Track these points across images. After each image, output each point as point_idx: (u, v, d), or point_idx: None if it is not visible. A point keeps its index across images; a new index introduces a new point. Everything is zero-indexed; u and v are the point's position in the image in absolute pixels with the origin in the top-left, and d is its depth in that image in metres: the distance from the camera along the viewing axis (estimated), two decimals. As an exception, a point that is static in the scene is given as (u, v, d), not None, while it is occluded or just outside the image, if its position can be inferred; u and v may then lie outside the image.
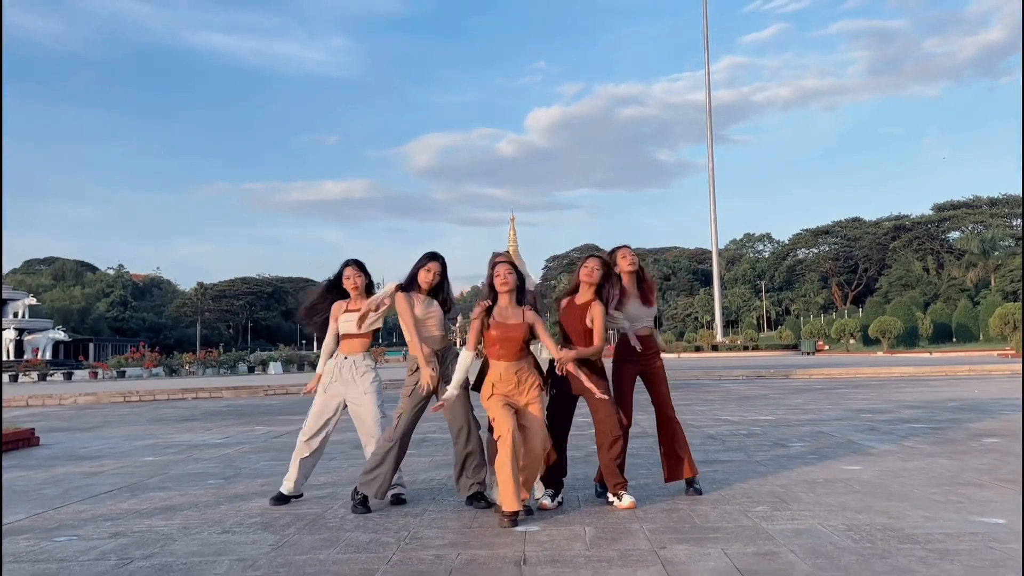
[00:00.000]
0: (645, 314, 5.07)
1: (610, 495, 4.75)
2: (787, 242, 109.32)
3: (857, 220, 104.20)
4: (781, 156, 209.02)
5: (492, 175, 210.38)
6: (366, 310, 4.98)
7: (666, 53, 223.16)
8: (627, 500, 4.67)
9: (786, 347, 61.86)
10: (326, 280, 5.36)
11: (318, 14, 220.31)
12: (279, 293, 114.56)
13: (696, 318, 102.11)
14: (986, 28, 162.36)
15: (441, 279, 4.97)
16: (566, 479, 4.99)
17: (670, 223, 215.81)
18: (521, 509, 4.38)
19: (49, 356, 50.84)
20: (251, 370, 35.28)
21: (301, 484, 5.16)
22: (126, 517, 4.83)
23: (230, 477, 6.31)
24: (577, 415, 5.16)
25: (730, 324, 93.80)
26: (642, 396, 5.13)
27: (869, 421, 9.34)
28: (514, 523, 4.26)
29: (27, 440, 8.74)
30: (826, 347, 61.76)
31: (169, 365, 34.35)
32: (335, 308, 5.20)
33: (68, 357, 59.49)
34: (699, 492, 5.06)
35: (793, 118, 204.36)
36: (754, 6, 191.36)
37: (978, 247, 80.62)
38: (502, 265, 4.69)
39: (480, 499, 4.78)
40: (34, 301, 60.84)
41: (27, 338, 53.86)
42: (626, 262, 5.06)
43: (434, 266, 4.91)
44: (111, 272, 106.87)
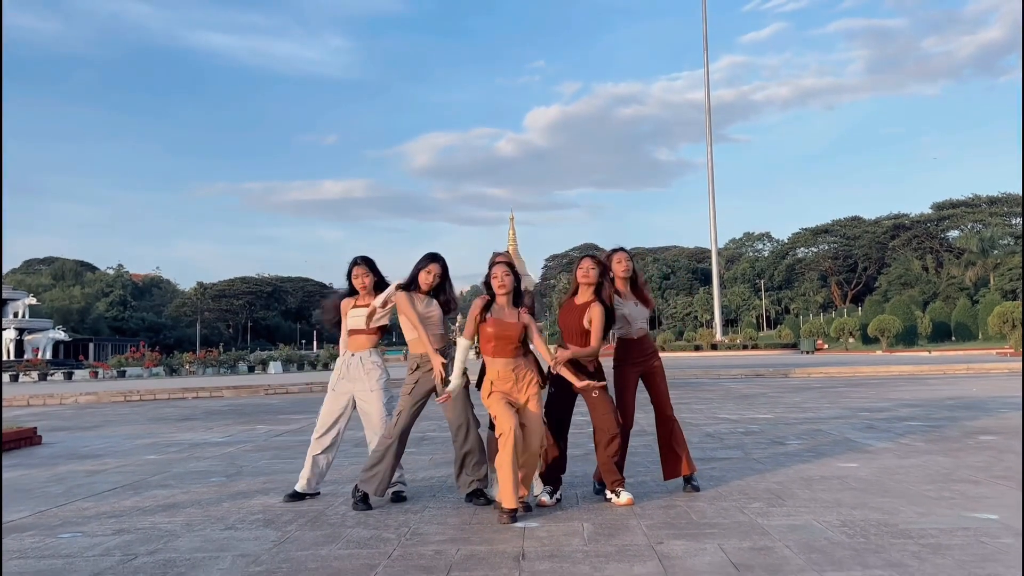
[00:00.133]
0: (641, 315, 5.13)
1: (608, 492, 4.81)
2: (786, 241, 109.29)
3: (856, 219, 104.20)
4: (780, 155, 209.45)
5: (491, 174, 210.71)
6: (373, 307, 5.05)
7: (665, 52, 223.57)
8: (625, 497, 4.72)
9: (785, 346, 61.83)
10: (343, 290, 5.40)
11: (317, 14, 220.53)
12: (279, 293, 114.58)
13: (695, 317, 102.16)
14: (985, 27, 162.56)
15: (442, 280, 5.02)
16: (565, 476, 5.05)
17: (669, 222, 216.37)
18: (520, 506, 4.43)
19: (49, 356, 50.88)
20: (251, 369, 35.33)
21: (315, 482, 5.20)
22: (129, 514, 4.88)
23: (232, 475, 6.36)
24: (577, 413, 5.21)
25: (729, 323, 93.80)
26: (641, 395, 5.18)
27: (867, 419, 9.39)
28: (513, 520, 4.31)
29: (29, 439, 8.80)
30: (825, 346, 61.78)
31: (169, 365, 34.38)
32: (344, 304, 5.29)
33: (68, 357, 59.54)
34: (697, 489, 5.11)
35: (792, 117, 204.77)
36: (753, 5, 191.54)
37: (977, 246, 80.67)
38: (499, 267, 4.74)
39: (479, 496, 4.83)
40: (34, 301, 60.87)
41: (27, 338, 53.92)
42: (620, 268, 5.11)
43: (434, 268, 4.96)
44: (111, 272, 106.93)
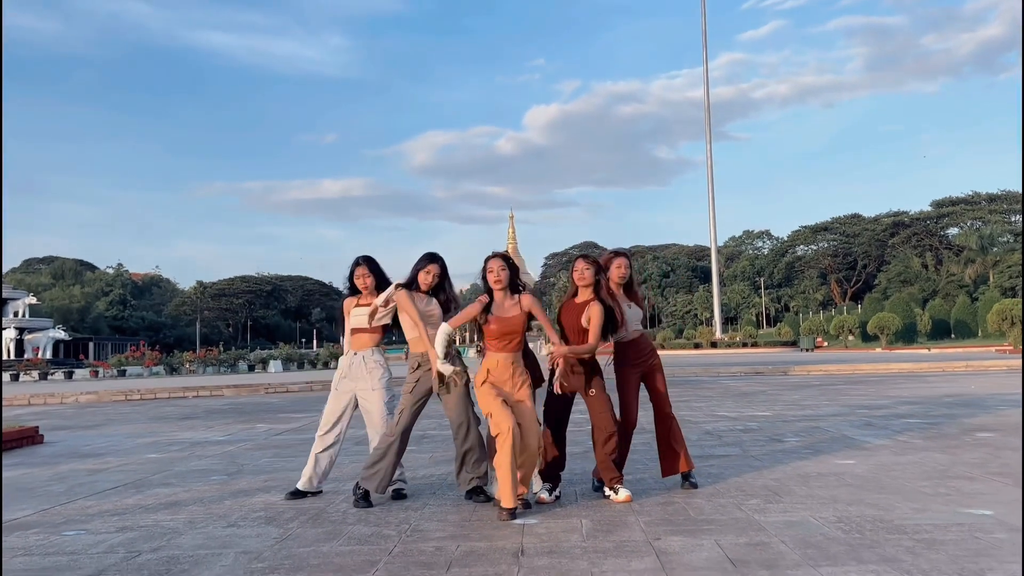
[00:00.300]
0: (635, 317, 5.16)
1: (607, 489, 4.85)
2: (786, 239, 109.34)
3: (856, 217, 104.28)
4: (780, 153, 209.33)
5: (491, 173, 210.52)
6: (374, 306, 5.09)
7: (664, 50, 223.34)
8: (623, 494, 4.76)
9: (785, 344, 61.90)
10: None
11: (316, 13, 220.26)
12: (278, 291, 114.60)
13: (695, 315, 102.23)
14: (984, 24, 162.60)
15: (441, 280, 5.06)
16: (564, 473, 5.09)
17: (669, 220, 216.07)
18: (519, 504, 4.47)
19: (49, 355, 50.94)
20: (251, 368, 35.39)
21: (316, 481, 5.24)
22: (132, 512, 4.92)
23: (233, 473, 6.41)
24: (576, 411, 5.25)
25: (729, 321, 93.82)
26: (640, 392, 5.21)
27: (865, 416, 9.43)
28: (512, 516, 4.35)
29: (31, 438, 8.84)
30: (825, 343, 61.85)
31: (169, 364, 34.44)
32: (347, 303, 5.34)
33: (68, 356, 59.63)
34: (695, 486, 5.15)
35: (792, 115, 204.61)
36: (752, 3, 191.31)
37: (977, 243, 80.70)
38: (494, 260, 4.77)
39: (479, 493, 4.87)
40: (34, 300, 60.85)
41: (27, 337, 53.94)
42: (619, 272, 5.14)
43: (433, 268, 5.00)
44: (110, 271, 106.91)
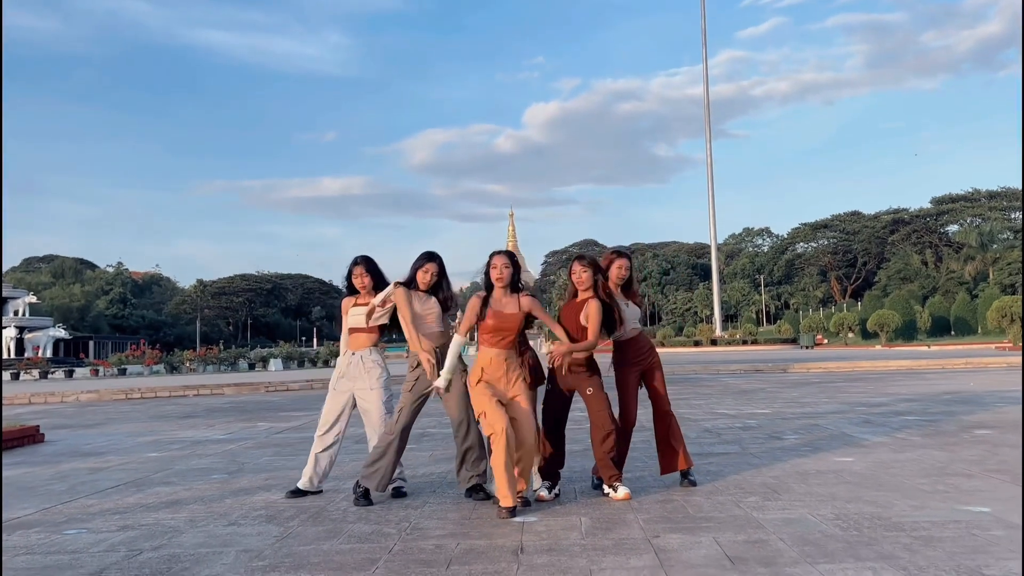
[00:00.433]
0: (633, 316, 5.18)
1: (606, 487, 4.87)
2: (786, 236, 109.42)
3: (856, 214, 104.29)
4: (780, 150, 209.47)
5: (491, 171, 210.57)
6: (372, 306, 5.11)
7: (664, 48, 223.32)
8: (622, 491, 4.78)
9: (785, 341, 61.93)
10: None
11: (316, 11, 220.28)
12: (278, 290, 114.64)
13: (695, 312, 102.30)
14: (984, 21, 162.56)
15: (439, 278, 5.07)
16: (563, 471, 5.11)
17: (669, 218, 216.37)
18: (518, 503, 4.49)
19: (50, 354, 50.97)
20: (251, 367, 35.39)
21: (316, 480, 5.26)
22: (133, 511, 4.94)
23: (234, 472, 6.43)
24: (575, 409, 5.27)
25: (729, 318, 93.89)
26: (640, 390, 5.23)
27: (864, 414, 9.45)
28: (511, 514, 4.37)
29: (32, 437, 8.86)
30: (825, 341, 61.86)
31: (170, 362, 34.45)
32: (345, 303, 5.36)
33: (68, 355, 59.62)
34: (693, 483, 5.17)
35: (792, 112, 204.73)
36: (751, 0, 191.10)
37: (976, 240, 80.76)
38: (499, 256, 4.78)
39: (479, 491, 4.89)
40: (34, 299, 60.86)
41: (28, 336, 53.99)
42: (618, 274, 5.14)
43: (431, 267, 5.02)
44: (110, 270, 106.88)
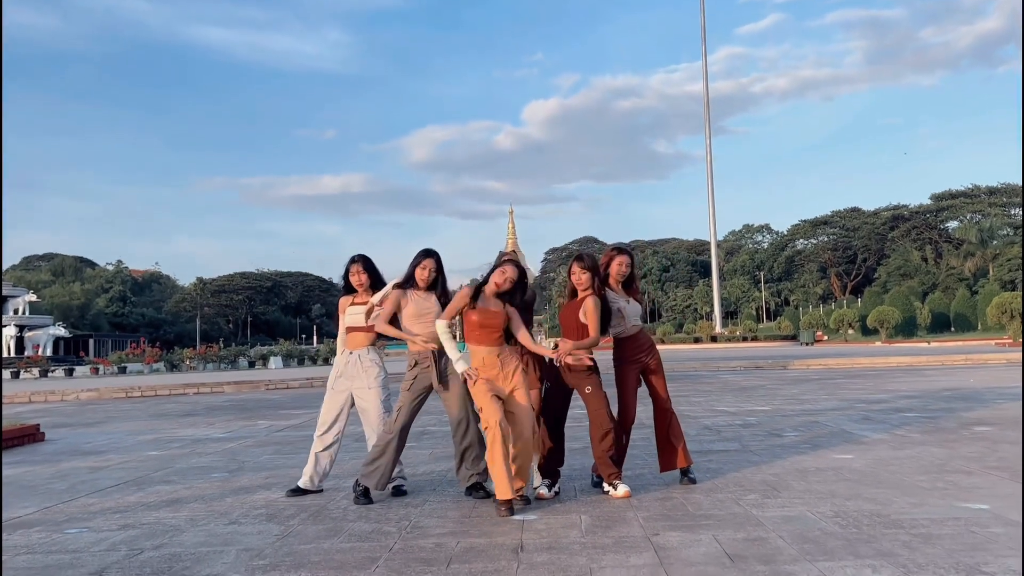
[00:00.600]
0: (634, 312, 5.18)
1: (605, 485, 4.87)
2: (786, 233, 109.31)
3: (855, 210, 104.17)
4: (779, 147, 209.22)
5: (490, 168, 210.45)
6: (371, 306, 5.12)
7: (663, 44, 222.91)
8: (622, 489, 4.79)
9: (785, 338, 61.90)
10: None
11: (315, 8, 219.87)
12: (278, 287, 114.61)
13: (695, 309, 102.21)
14: (983, 17, 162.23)
15: (437, 274, 5.08)
16: (563, 469, 5.12)
17: (668, 214, 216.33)
18: (516, 497, 4.50)
19: (50, 352, 50.95)
20: (251, 365, 35.40)
21: (317, 480, 5.27)
22: (134, 510, 4.95)
23: (234, 470, 6.43)
24: (575, 407, 5.27)
25: (729, 315, 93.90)
26: (640, 388, 5.23)
27: (863, 411, 9.46)
28: (511, 512, 4.38)
29: (33, 436, 8.86)
30: (825, 337, 61.81)
31: (170, 360, 34.45)
32: (342, 302, 5.36)
33: (68, 353, 59.57)
34: (693, 481, 5.18)
35: (791, 109, 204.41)
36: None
37: (976, 236, 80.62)
38: (512, 269, 4.75)
39: (479, 489, 4.90)
40: (34, 298, 60.76)
41: (28, 334, 53.97)
42: (618, 271, 5.14)
43: (429, 263, 5.02)
44: (110, 268, 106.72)
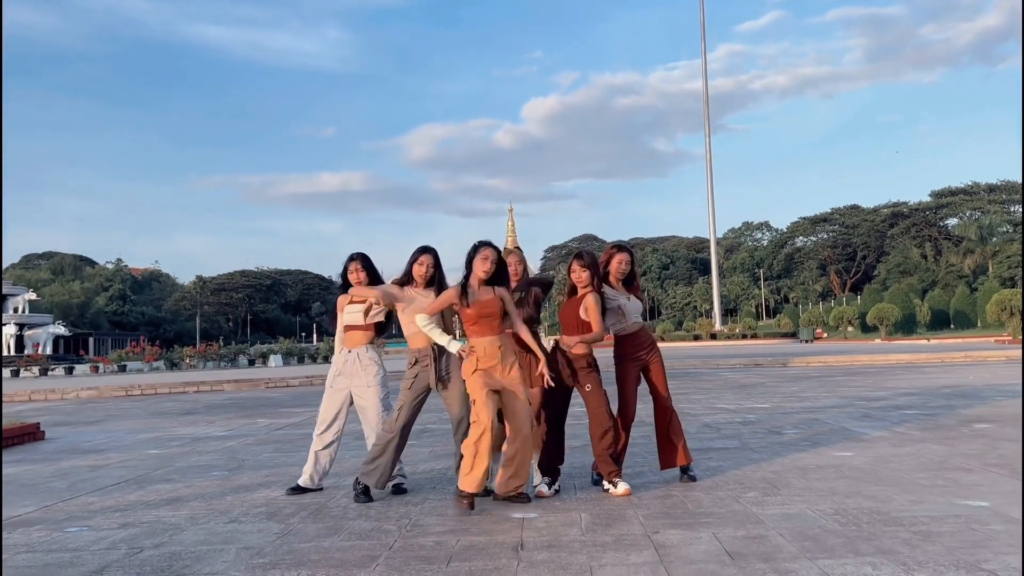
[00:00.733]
0: (635, 309, 5.18)
1: (605, 483, 4.87)
2: (785, 230, 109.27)
3: (855, 207, 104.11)
4: (779, 144, 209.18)
5: (489, 166, 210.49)
6: (369, 304, 5.12)
7: (662, 42, 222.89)
8: (622, 487, 4.79)
9: (784, 335, 61.93)
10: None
11: (314, 6, 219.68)
12: (278, 286, 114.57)
13: (695, 307, 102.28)
14: (983, 14, 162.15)
15: (435, 271, 5.07)
16: (563, 467, 5.12)
17: (668, 212, 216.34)
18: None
19: (50, 351, 50.96)
20: (251, 363, 35.42)
21: (317, 478, 5.27)
22: (134, 508, 4.95)
23: (234, 469, 6.43)
24: (575, 405, 5.27)
25: (729, 313, 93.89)
26: (640, 385, 5.23)
27: (863, 408, 9.46)
28: (471, 506, 4.39)
29: (33, 434, 8.86)
30: (824, 335, 61.85)
31: (170, 359, 34.44)
32: (340, 300, 5.35)
33: (68, 351, 59.57)
34: (693, 479, 5.18)
35: (791, 106, 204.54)
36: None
37: (976, 233, 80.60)
38: (490, 250, 4.68)
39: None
40: (34, 296, 60.75)
41: (27, 333, 53.96)
42: (619, 268, 5.14)
43: (426, 259, 5.02)
44: (110, 266, 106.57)
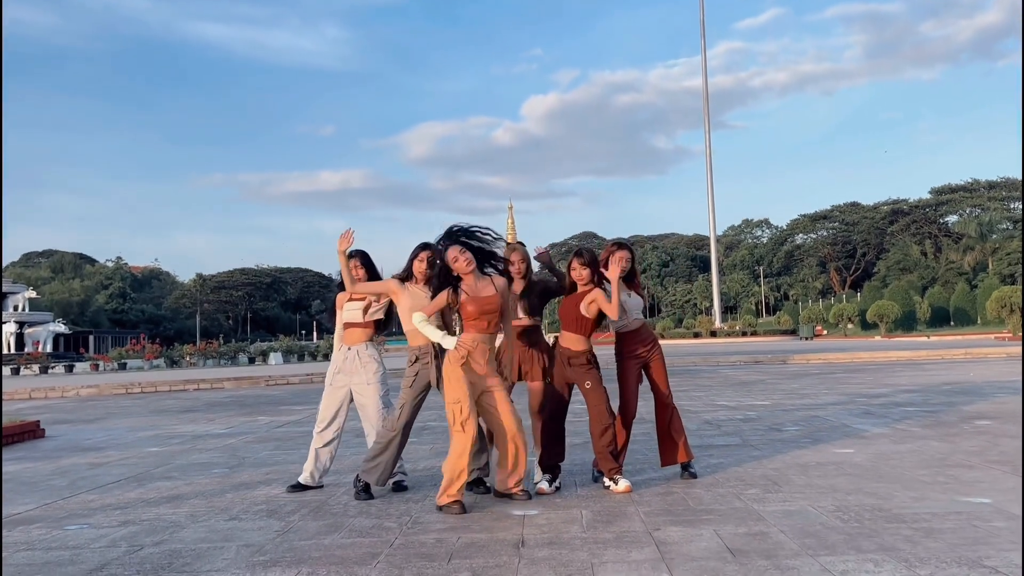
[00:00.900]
0: (636, 306, 5.16)
1: (606, 480, 4.87)
2: (785, 227, 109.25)
3: (855, 205, 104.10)
4: (779, 142, 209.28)
5: (489, 163, 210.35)
6: (368, 301, 5.11)
7: (662, 39, 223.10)
8: (623, 484, 4.78)
9: (784, 332, 61.90)
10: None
11: (312, 4, 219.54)
12: (278, 283, 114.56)
13: (694, 304, 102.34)
14: (983, 11, 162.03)
15: (435, 267, 5.06)
16: (564, 464, 5.11)
17: (668, 209, 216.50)
18: (459, 500, 4.43)
19: (50, 349, 51.00)
20: (251, 361, 35.41)
21: (317, 475, 5.27)
22: (134, 506, 4.94)
23: (234, 466, 6.43)
24: (575, 402, 5.26)
25: (729, 310, 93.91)
26: (642, 382, 5.22)
27: (864, 405, 9.46)
28: (462, 508, 4.37)
29: (33, 432, 8.85)
30: (824, 332, 61.82)
31: (170, 357, 34.42)
32: (340, 298, 5.35)
33: (68, 349, 59.56)
34: (694, 476, 5.17)
35: (791, 103, 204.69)
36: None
37: (976, 230, 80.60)
38: (452, 249, 4.56)
39: (480, 484, 4.89)
40: (34, 294, 60.75)
41: (28, 331, 53.96)
42: (619, 266, 5.13)
43: (425, 255, 5.01)
44: (110, 264, 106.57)
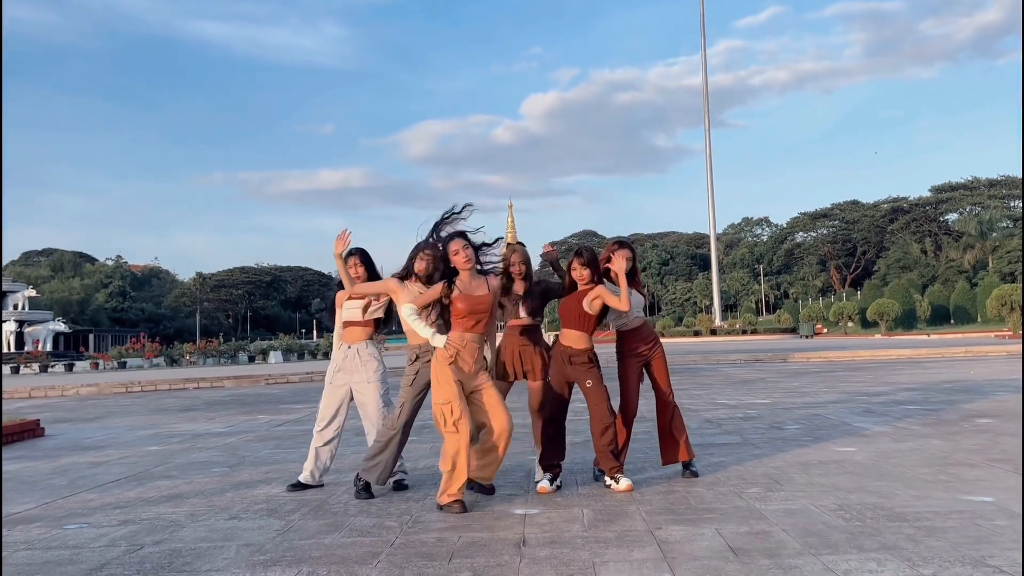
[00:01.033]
0: (637, 304, 5.15)
1: (607, 479, 4.86)
2: (785, 226, 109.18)
3: (855, 203, 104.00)
4: (779, 140, 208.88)
5: (489, 162, 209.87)
6: (368, 300, 5.10)
7: (662, 37, 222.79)
8: (624, 483, 4.77)
9: (784, 331, 61.88)
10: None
11: (312, 2, 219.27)
12: (278, 282, 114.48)
13: (695, 303, 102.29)
14: (982, 9, 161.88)
15: (435, 264, 5.04)
16: (565, 463, 5.10)
17: (668, 208, 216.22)
18: (459, 499, 4.40)
19: (50, 347, 50.95)
20: (251, 359, 35.44)
21: (318, 474, 5.26)
22: (134, 505, 4.93)
23: (235, 465, 6.42)
24: (576, 401, 5.25)
25: (728, 308, 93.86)
26: (643, 381, 5.21)
27: (864, 403, 9.45)
28: (463, 508, 4.34)
29: (33, 431, 8.84)
30: (824, 330, 61.83)
31: (170, 355, 34.44)
32: (339, 296, 5.33)
33: (68, 348, 59.54)
34: (695, 474, 5.16)
35: (790, 102, 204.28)
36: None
37: (976, 229, 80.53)
38: (455, 242, 4.58)
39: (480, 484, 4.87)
40: (34, 293, 60.60)
41: (27, 330, 53.87)
42: (622, 265, 5.11)
43: (427, 253, 4.99)
44: (110, 263, 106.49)
